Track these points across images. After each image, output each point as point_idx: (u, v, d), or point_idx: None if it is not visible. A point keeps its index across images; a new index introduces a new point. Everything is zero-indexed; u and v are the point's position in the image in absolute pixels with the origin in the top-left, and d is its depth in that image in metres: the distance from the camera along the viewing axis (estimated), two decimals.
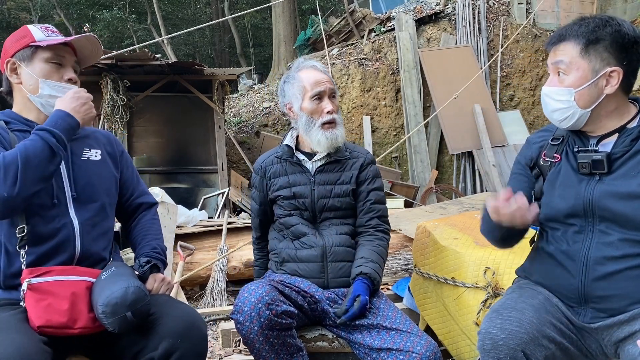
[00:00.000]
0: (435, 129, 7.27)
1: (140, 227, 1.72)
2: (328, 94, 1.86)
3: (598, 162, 1.35)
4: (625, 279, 1.31)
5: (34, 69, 1.50)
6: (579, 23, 1.37)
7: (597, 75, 1.33)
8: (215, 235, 3.96)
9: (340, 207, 1.86)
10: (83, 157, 1.58)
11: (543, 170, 1.50)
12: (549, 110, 1.43)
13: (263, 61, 16.44)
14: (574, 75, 1.36)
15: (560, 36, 1.39)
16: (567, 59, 1.36)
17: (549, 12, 8.23)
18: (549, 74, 1.44)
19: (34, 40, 1.50)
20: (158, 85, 6.03)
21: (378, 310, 1.70)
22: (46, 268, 1.38)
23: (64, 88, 1.51)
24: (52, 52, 1.51)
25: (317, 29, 9.07)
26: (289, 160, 1.90)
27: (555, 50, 1.40)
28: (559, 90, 1.39)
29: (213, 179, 6.35)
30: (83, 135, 1.62)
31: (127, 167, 1.74)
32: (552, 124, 1.51)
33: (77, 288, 1.37)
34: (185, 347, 1.33)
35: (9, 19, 16.08)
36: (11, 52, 1.51)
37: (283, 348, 1.62)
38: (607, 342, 1.36)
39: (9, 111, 1.56)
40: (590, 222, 1.37)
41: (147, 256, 1.62)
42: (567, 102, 1.37)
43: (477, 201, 4.11)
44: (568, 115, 1.38)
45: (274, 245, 1.92)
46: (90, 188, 1.55)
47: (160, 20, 13.22)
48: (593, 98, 1.35)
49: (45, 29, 1.54)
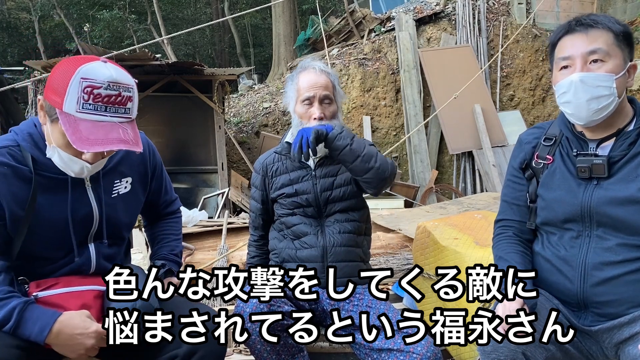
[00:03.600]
0: (435, 129, 7.28)
1: (163, 226, 1.71)
2: (319, 99, 1.82)
3: (598, 167, 1.33)
4: (625, 283, 1.30)
5: (53, 132, 1.28)
6: (598, 15, 1.36)
7: (626, 67, 1.33)
8: (215, 235, 3.96)
9: (343, 196, 1.85)
10: (113, 194, 1.46)
11: (536, 172, 1.48)
12: (587, 98, 1.30)
13: (263, 61, 16.45)
14: (613, 61, 1.31)
15: (590, 23, 1.33)
16: (605, 47, 1.31)
17: (549, 12, 8.23)
18: (567, 66, 1.34)
19: (61, 105, 1.21)
20: (158, 85, 6.04)
21: (378, 310, 1.70)
22: (51, 280, 1.35)
23: (75, 162, 1.30)
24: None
25: (317, 29, 9.07)
26: (289, 156, 1.90)
27: (586, 37, 1.32)
28: (600, 75, 1.30)
29: (213, 179, 6.35)
30: (116, 160, 1.47)
31: (157, 180, 1.63)
32: (544, 122, 1.50)
33: (86, 299, 1.35)
34: (206, 348, 1.32)
35: (9, 19, 16.09)
36: (45, 92, 1.27)
37: (284, 349, 1.62)
38: (607, 344, 1.36)
39: (38, 136, 1.35)
40: (587, 228, 1.36)
41: (163, 259, 1.61)
42: (608, 88, 1.29)
43: (477, 201, 4.12)
44: (607, 103, 1.30)
45: (274, 245, 1.92)
46: (116, 227, 1.48)
47: (160, 20, 13.21)
48: (623, 89, 1.33)
49: (88, 93, 1.20)
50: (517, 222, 1.53)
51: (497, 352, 1.28)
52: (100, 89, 1.21)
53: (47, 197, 1.35)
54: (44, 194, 1.34)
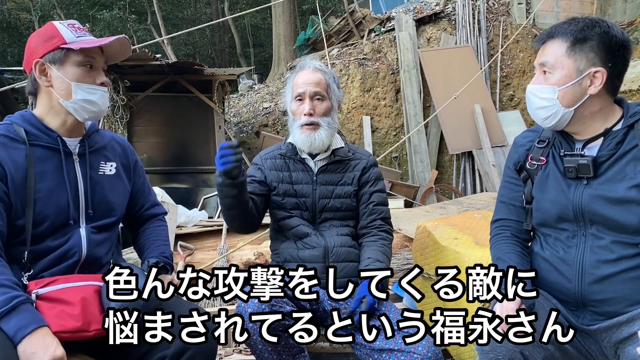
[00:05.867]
0: (435, 129, 7.28)
1: (149, 233, 1.72)
2: (309, 95, 1.84)
3: (584, 167, 1.35)
4: (622, 281, 1.31)
5: (66, 73, 1.44)
6: (569, 22, 1.38)
7: (581, 75, 1.33)
8: (215, 235, 3.96)
9: (340, 208, 1.87)
10: (100, 172, 1.56)
11: (530, 173, 1.50)
12: (533, 108, 1.43)
13: (263, 61, 16.45)
14: (559, 73, 1.36)
15: (549, 34, 1.40)
16: (552, 59, 1.37)
17: (549, 12, 8.23)
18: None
19: (64, 42, 1.44)
20: (158, 85, 6.04)
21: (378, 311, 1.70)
22: (49, 278, 1.37)
23: (96, 91, 1.47)
24: (84, 54, 1.45)
25: (317, 29, 9.07)
26: (293, 157, 1.90)
27: (542, 49, 1.41)
28: (542, 88, 1.39)
29: (213, 179, 6.35)
30: (100, 145, 1.60)
31: (139, 177, 1.72)
32: (538, 125, 1.51)
33: (86, 293, 1.36)
34: (196, 347, 1.33)
35: (9, 19, 16.09)
36: (40, 53, 1.44)
37: (285, 349, 1.62)
38: (606, 344, 1.36)
39: (30, 114, 1.49)
40: (582, 226, 1.37)
41: (156, 258, 1.62)
42: (550, 100, 1.37)
43: (477, 201, 4.12)
44: (551, 114, 1.38)
45: (274, 245, 1.93)
46: (105, 205, 1.54)
47: (160, 21, 13.22)
48: (576, 97, 1.35)
49: (73, 28, 1.47)
50: (514, 222, 1.54)
51: (496, 351, 1.29)
52: (76, 28, 1.48)
53: (43, 166, 1.44)
54: (39, 163, 1.43)
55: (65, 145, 1.49)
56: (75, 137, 1.53)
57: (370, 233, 1.88)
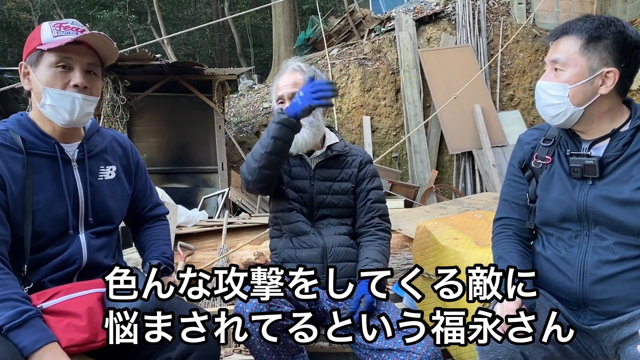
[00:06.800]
0: (435, 129, 7.28)
1: (151, 232, 1.72)
2: (287, 97, 1.84)
3: (590, 167, 1.34)
4: (623, 281, 1.31)
5: (39, 76, 1.37)
6: (584, 19, 1.36)
7: (593, 74, 1.32)
8: (215, 235, 3.96)
9: (337, 204, 1.87)
10: (99, 178, 1.52)
11: (535, 172, 1.49)
12: (543, 105, 1.40)
13: (263, 61, 16.45)
14: (571, 71, 1.34)
15: (563, 30, 1.37)
16: (565, 57, 1.35)
17: (549, 12, 8.23)
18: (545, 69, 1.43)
19: (40, 43, 1.36)
20: (158, 85, 6.04)
21: (378, 311, 1.70)
22: (51, 290, 1.35)
23: (64, 97, 1.36)
24: (57, 54, 1.35)
25: (317, 29, 9.07)
26: (291, 154, 1.90)
27: (555, 45, 1.38)
28: (554, 85, 1.37)
29: (213, 179, 6.35)
30: (100, 148, 1.55)
31: (141, 179, 1.69)
32: (544, 123, 1.51)
33: (91, 302, 1.35)
34: (200, 349, 1.32)
35: (9, 19, 16.08)
36: (24, 55, 1.41)
37: (284, 349, 1.62)
38: (607, 344, 1.36)
39: (26, 119, 1.43)
40: (585, 227, 1.37)
41: (157, 259, 1.61)
42: (561, 97, 1.35)
43: (477, 201, 4.12)
44: (561, 112, 1.36)
45: (273, 244, 1.93)
46: (105, 212, 1.51)
47: (160, 20, 13.22)
48: (587, 96, 1.34)
49: (58, 27, 1.39)
50: (517, 221, 1.53)
51: (496, 351, 1.29)
52: (62, 27, 1.41)
53: (41, 175, 1.40)
54: (37, 174, 1.39)
55: (63, 152, 1.44)
56: (73, 142, 1.48)
57: (369, 232, 1.88)
